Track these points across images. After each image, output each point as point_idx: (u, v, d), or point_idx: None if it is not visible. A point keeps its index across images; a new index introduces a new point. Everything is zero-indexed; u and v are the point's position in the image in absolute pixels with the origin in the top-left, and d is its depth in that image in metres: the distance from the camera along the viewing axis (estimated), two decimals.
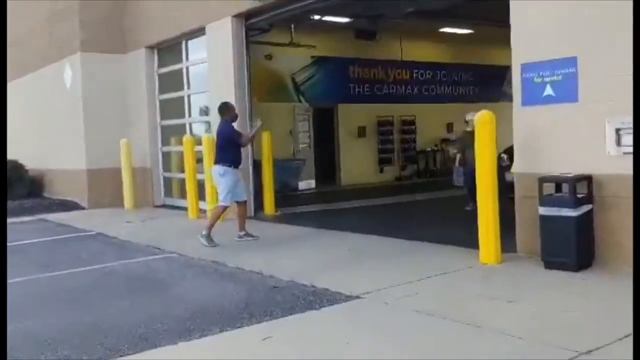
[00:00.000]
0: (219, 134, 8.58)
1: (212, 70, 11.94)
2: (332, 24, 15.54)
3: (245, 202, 8.86)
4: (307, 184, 17.37)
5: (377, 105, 18.97)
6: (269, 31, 13.43)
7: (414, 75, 19.89)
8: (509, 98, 20.91)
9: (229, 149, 8.41)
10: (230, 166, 8.35)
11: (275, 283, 6.09)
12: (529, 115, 6.69)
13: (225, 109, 8.67)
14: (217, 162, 8.48)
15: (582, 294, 5.29)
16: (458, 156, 11.64)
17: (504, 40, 20.58)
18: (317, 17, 13.69)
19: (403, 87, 19.65)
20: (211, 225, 8.31)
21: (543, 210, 6.08)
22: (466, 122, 11.41)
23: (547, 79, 6.44)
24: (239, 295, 5.80)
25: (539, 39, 6.57)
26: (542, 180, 6.17)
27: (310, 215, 11.57)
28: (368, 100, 18.84)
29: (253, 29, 11.92)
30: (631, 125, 5.75)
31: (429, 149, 19.92)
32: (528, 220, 6.70)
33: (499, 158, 10.62)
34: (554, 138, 6.45)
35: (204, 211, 11.34)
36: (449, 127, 20.41)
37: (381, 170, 19.18)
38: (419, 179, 19.43)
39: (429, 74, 20.15)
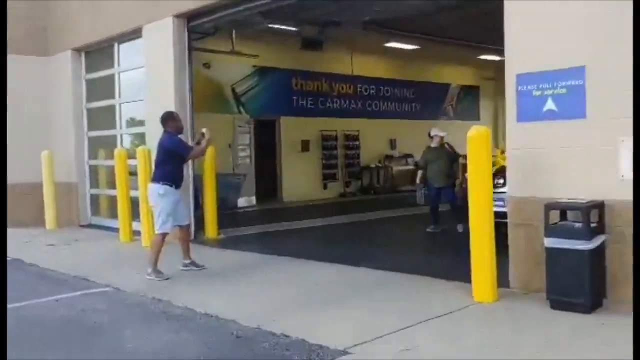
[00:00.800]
0: (160, 146, 7.39)
1: (150, 76, 10.71)
2: (277, 32, 14.60)
3: (188, 225, 7.72)
4: (247, 201, 16.24)
5: (321, 119, 18.13)
6: (215, 34, 12.34)
7: (359, 89, 19.18)
8: (449, 116, 20.79)
9: (170, 164, 7.25)
10: (171, 185, 7.19)
11: (239, 330, 4.99)
12: (526, 132, 5.90)
13: (169, 119, 7.51)
14: (155, 179, 7.29)
15: (609, 344, 4.47)
16: (419, 173, 10.85)
17: (447, 58, 20.37)
18: (264, 23, 12.68)
19: (347, 102, 18.90)
20: (155, 260, 7.12)
21: (551, 242, 5.26)
22: (430, 137, 10.66)
23: (549, 92, 5.68)
24: (195, 348, 4.68)
25: (539, 46, 5.80)
26: (549, 207, 5.36)
27: (257, 239, 10.49)
28: (312, 113, 17.97)
29: (196, 31, 10.81)
30: None
31: (372, 165, 19.20)
32: (525, 252, 5.90)
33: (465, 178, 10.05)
34: (557, 158, 5.68)
35: (138, 233, 10.06)
36: (392, 143, 19.84)
37: (325, 187, 18.30)
38: (363, 195, 18.66)
39: (372, 89, 19.50)
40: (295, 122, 17.51)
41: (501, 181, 8.89)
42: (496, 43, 19.55)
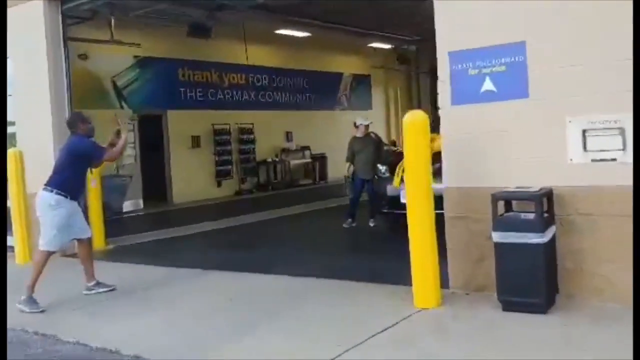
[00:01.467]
0: (66, 150, 6.17)
1: (19, 68, 9.27)
2: (161, 18, 13.41)
3: (89, 239, 6.53)
4: (133, 204, 14.90)
5: (212, 112, 17.05)
6: (92, 19, 11.01)
7: (251, 80, 18.26)
8: (343, 106, 20.33)
9: (70, 171, 6.03)
10: (65, 196, 5.98)
11: None
12: (462, 116, 5.32)
13: (79, 120, 6.29)
14: (48, 187, 6.04)
15: (584, 349, 3.94)
16: (348, 165, 10.17)
17: (338, 46, 19.87)
18: (146, 7, 11.48)
19: (240, 93, 17.94)
20: (33, 285, 5.90)
21: (499, 236, 4.71)
22: (356, 126, 10.02)
23: (486, 70, 5.12)
24: None
25: (473, 20, 5.22)
26: (497, 197, 4.80)
27: (151, 248, 9.35)
28: (202, 106, 16.86)
29: (71, 16, 9.49)
30: (603, 126, 4.60)
31: (269, 160, 18.36)
32: (464, 248, 5.33)
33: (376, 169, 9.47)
34: (498, 144, 5.14)
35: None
36: (288, 135, 19.13)
37: (219, 185, 17.24)
38: (260, 192, 17.79)
39: (265, 79, 18.65)
40: (184, 116, 16.33)
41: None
42: (386, 29, 19.25)
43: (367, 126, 9.93)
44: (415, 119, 4.99)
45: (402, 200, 8.49)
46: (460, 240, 5.33)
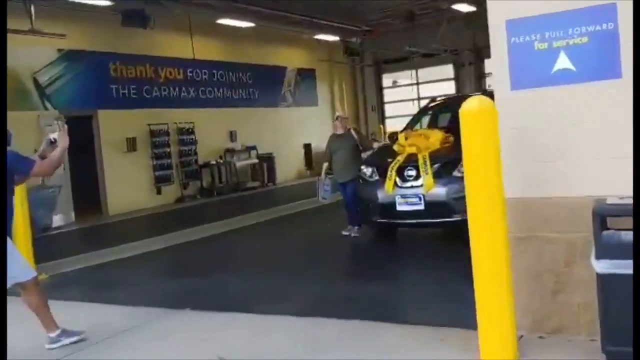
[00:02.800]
0: None
1: None
2: (90, 5, 11.70)
3: (35, 279, 4.85)
4: (63, 218, 13.07)
5: (148, 110, 15.37)
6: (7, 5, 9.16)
7: (189, 75, 16.62)
8: (288, 102, 19.03)
9: None
10: None
11: None
12: (525, 103, 4.06)
13: None
14: None
15: None
16: (325, 166, 8.84)
17: (282, 39, 18.60)
18: None
19: (178, 89, 16.30)
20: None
21: (607, 266, 3.47)
22: (336, 119, 8.70)
23: (560, 43, 3.89)
24: None
25: None
26: (601, 212, 3.54)
27: (96, 277, 7.67)
28: (136, 105, 15.15)
29: None
30: None
31: (212, 162, 16.76)
32: (533, 277, 4.09)
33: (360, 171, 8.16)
34: (576, 139, 3.92)
35: None
36: (232, 135, 17.62)
37: (159, 191, 15.55)
38: (205, 198, 16.19)
39: (205, 73, 17.04)
40: (117, 117, 14.56)
41: (413, 173, 7.19)
42: (331, 19, 17.76)
43: (345, 120, 8.63)
44: (482, 107, 3.68)
45: (400, 208, 7.34)
46: (528, 267, 4.08)
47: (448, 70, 22.18)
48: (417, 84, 22.01)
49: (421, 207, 7.09)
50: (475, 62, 21.55)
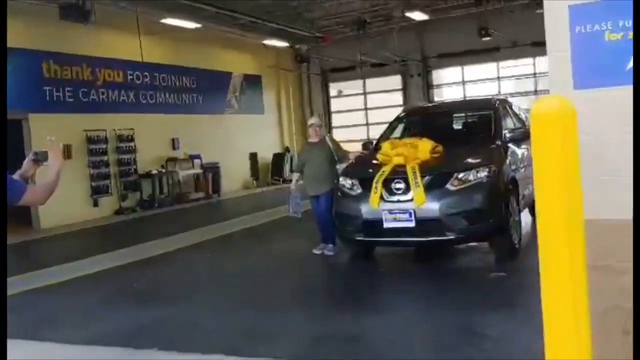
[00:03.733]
0: None
1: None
2: None
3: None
4: None
5: (84, 115, 14.13)
6: None
7: (129, 77, 15.45)
8: (234, 109, 18.13)
9: None
10: None
11: None
12: (593, 106, 3.40)
13: None
14: None
15: None
16: (295, 177, 8.01)
17: (228, 42, 17.71)
18: None
19: (117, 93, 15.10)
20: None
21: None
22: (310, 126, 7.89)
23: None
24: None
25: None
26: None
27: (37, 306, 6.57)
28: (72, 109, 13.90)
29: None
30: None
31: (154, 172, 15.60)
32: (602, 311, 3.42)
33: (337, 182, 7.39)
34: None
35: None
36: (175, 143, 16.55)
37: (95, 203, 14.30)
38: (145, 210, 15.01)
39: (146, 76, 15.90)
40: (51, 121, 13.19)
41: (401, 186, 6.49)
42: (280, 22, 16.89)
43: (319, 127, 7.86)
44: (562, 109, 2.97)
45: (387, 225, 6.61)
46: (599, 300, 3.39)
47: (396, 80, 21.81)
48: (365, 93, 21.50)
49: (411, 224, 6.39)
50: (424, 72, 21.27)
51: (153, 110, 16.03)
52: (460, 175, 6.40)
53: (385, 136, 8.08)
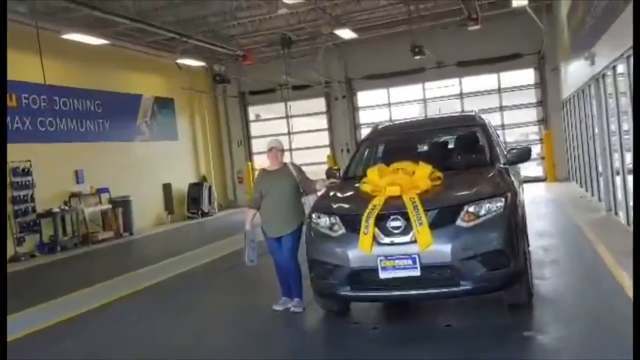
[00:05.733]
0: None
1: None
2: None
3: None
4: None
5: None
6: None
7: (24, 101, 13.30)
8: (145, 136, 16.24)
9: None
10: None
11: None
12: None
13: None
14: None
15: None
16: (251, 214, 6.33)
17: (138, 62, 15.92)
18: None
19: (9, 119, 12.86)
20: None
21: None
22: (269, 150, 6.28)
23: None
24: None
25: None
26: None
27: None
28: None
29: None
30: None
31: (55, 209, 13.41)
32: None
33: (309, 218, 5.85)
34: None
35: None
36: (79, 175, 14.49)
37: None
38: (46, 254, 12.83)
39: (44, 100, 13.76)
40: None
41: (399, 224, 5.07)
42: (198, 37, 15.09)
43: (281, 152, 6.32)
44: None
45: (384, 275, 5.16)
46: None
47: (321, 103, 20.62)
48: (287, 117, 20.12)
49: (416, 272, 4.98)
50: (349, 95, 20.18)
51: (53, 139, 13.90)
52: (472, 208, 5.07)
53: (357, 162, 6.68)
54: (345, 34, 15.89)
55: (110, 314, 7.08)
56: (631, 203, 8.55)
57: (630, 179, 8.41)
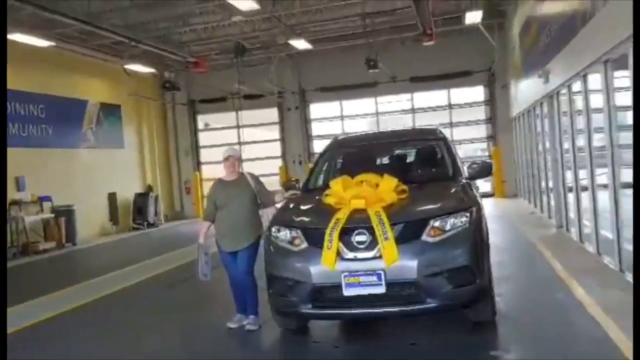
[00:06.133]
0: None
1: None
2: None
3: None
4: None
5: None
6: None
7: None
8: (90, 143, 15.71)
9: None
10: None
11: None
12: None
13: None
14: None
15: None
16: (205, 226, 6.01)
17: (85, 66, 15.36)
18: None
19: None
20: None
21: None
22: (225, 160, 6.00)
23: None
24: None
25: None
26: None
27: None
28: None
29: None
30: None
31: None
32: None
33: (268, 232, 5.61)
34: None
35: None
36: (19, 182, 13.84)
37: None
38: None
39: None
40: None
41: (364, 238, 4.89)
42: (147, 42, 14.70)
43: (238, 161, 6.08)
44: None
45: (348, 292, 4.96)
46: None
47: (273, 113, 20.41)
48: (238, 127, 19.78)
49: (381, 289, 4.80)
50: (302, 106, 20.04)
51: None
52: (437, 222, 4.94)
53: (317, 173, 6.49)
54: (300, 44, 15.76)
55: (51, 336, 6.55)
56: (584, 220, 8.64)
57: (585, 195, 8.50)
